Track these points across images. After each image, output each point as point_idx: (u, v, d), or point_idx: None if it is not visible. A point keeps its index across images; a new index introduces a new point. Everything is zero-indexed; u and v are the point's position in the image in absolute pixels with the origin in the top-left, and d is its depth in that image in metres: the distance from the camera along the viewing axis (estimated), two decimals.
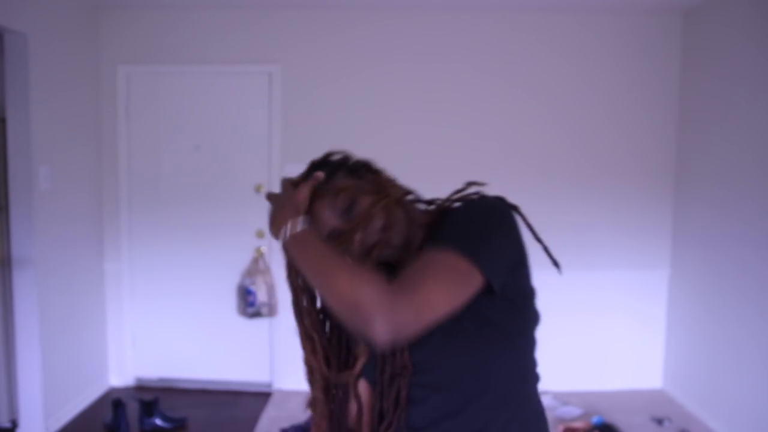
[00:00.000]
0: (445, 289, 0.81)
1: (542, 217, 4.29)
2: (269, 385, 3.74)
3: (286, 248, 0.90)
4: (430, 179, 3.59)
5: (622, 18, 3.59)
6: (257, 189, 3.66)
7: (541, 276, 4.03)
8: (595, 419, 3.25)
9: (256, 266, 3.61)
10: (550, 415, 3.38)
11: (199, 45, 3.59)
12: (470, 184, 1.07)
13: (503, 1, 3.49)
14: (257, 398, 3.63)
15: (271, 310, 3.61)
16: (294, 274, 0.95)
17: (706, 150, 3.38)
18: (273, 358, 3.73)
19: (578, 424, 3.19)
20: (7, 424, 3.13)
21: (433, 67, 3.61)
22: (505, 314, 0.94)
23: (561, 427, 3.17)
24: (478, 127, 3.64)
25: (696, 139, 3.49)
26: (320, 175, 0.95)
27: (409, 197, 1.02)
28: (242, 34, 3.59)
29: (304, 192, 0.94)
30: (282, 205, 0.94)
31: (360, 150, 1.13)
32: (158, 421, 3.19)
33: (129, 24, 3.60)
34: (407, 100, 3.61)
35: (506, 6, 3.54)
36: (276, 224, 0.92)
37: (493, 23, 3.60)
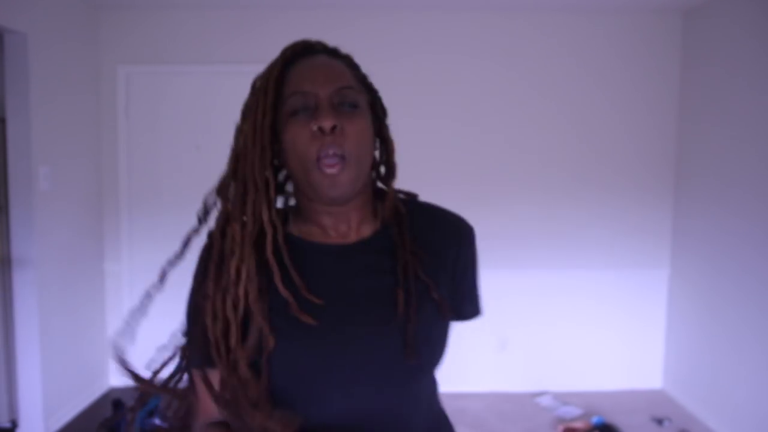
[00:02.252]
0: None
1: (542, 215, 4.30)
2: None
3: None
4: (431, 176, 3.60)
5: (623, 17, 3.59)
6: None
7: (540, 275, 4.04)
8: (595, 419, 3.25)
9: None
10: (550, 415, 3.40)
11: (199, 45, 3.60)
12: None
13: (503, 1, 3.49)
14: None
15: None
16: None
17: (706, 148, 3.38)
18: None
19: (578, 424, 3.20)
20: (7, 424, 3.13)
21: (435, 65, 3.61)
22: None
23: (561, 427, 3.17)
24: (478, 125, 3.64)
25: (696, 137, 3.49)
26: None
27: None
28: (242, 34, 3.59)
29: None
30: None
31: None
32: (158, 421, 3.19)
33: (129, 24, 3.60)
34: (408, 99, 3.61)
35: (505, 6, 3.54)
36: None
37: (492, 22, 3.61)
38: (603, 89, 3.65)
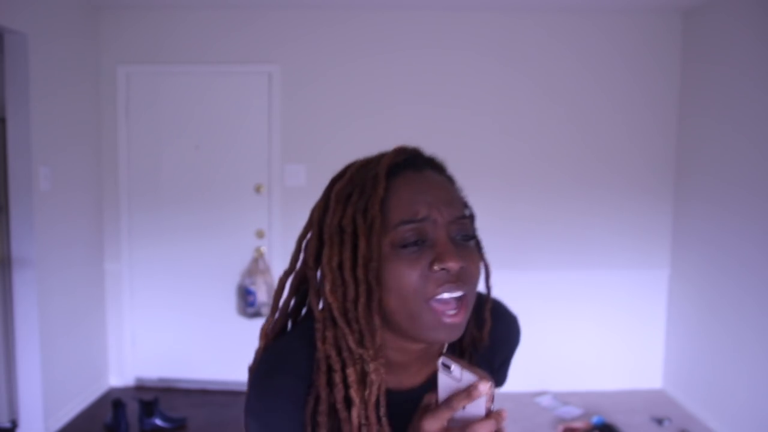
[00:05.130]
0: None
1: (542, 216, 4.30)
2: None
3: None
4: None
5: (623, 17, 3.59)
6: (257, 189, 3.66)
7: (541, 275, 4.05)
8: (595, 419, 3.25)
9: (256, 266, 3.61)
10: (550, 415, 3.39)
11: (199, 45, 3.59)
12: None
13: (503, 1, 3.49)
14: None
15: None
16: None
17: (706, 148, 3.38)
18: None
19: (578, 424, 3.20)
20: (7, 424, 3.13)
21: (435, 65, 3.61)
22: None
23: (561, 427, 3.17)
24: (478, 126, 3.64)
25: (696, 137, 3.49)
26: None
27: None
28: (242, 34, 3.59)
29: None
30: None
31: (360, 150, 1.12)
32: (158, 421, 3.19)
33: (129, 24, 3.60)
34: (408, 99, 3.61)
35: (506, 5, 3.54)
36: None
37: (493, 22, 3.61)
38: (603, 89, 3.65)
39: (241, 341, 3.75)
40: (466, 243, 0.73)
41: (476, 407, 0.60)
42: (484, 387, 0.59)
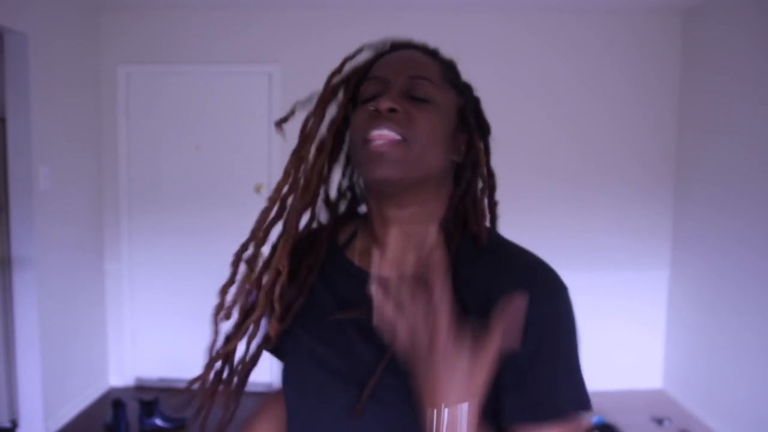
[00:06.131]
0: None
1: (541, 218, 4.29)
2: (269, 385, 3.74)
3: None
4: None
5: (621, 17, 3.59)
6: (257, 189, 3.66)
7: None
8: (595, 419, 3.25)
9: None
10: None
11: (199, 45, 3.60)
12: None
13: (502, 1, 3.49)
14: (257, 398, 3.61)
15: None
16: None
17: (706, 149, 3.38)
18: (273, 358, 3.73)
19: None
20: (7, 424, 3.13)
21: None
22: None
23: None
24: None
25: (696, 138, 3.49)
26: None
27: None
28: (242, 34, 3.59)
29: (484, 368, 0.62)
30: (453, 369, 0.61)
31: None
32: (158, 421, 3.19)
33: (129, 24, 3.60)
34: None
35: (505, 6, 3.54)
36: (437, 397, 0.61)
37: (493, 23, 3.61)
38: (602, 90, 3.64)
39: (241, 341, 3.75)
40: (422, 103, 0.75)
41: None
42: None
